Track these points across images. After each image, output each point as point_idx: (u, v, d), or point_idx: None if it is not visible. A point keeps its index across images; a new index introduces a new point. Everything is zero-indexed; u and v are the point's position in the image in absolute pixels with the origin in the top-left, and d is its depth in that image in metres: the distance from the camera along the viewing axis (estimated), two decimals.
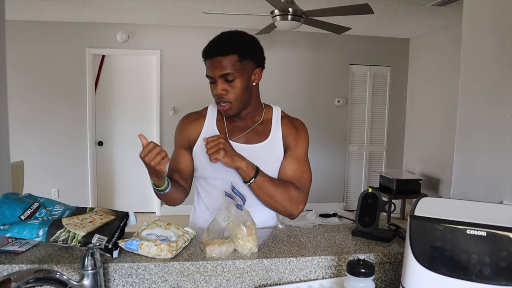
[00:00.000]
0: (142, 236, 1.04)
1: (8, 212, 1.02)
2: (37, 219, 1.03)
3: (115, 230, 1.03)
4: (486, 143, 1.59)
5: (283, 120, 1.36)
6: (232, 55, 1.20)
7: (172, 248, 0.99)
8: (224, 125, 1.34)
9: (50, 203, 1.10)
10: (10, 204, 1.03)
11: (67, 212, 1.08)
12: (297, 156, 1.32)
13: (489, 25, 1.59)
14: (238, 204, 1.04)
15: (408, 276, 0.81)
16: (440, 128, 4.77)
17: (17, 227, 0.99)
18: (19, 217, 1.02)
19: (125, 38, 4.81)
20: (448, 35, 4.65)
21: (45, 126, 4.79)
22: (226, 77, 1.20)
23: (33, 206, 1.06)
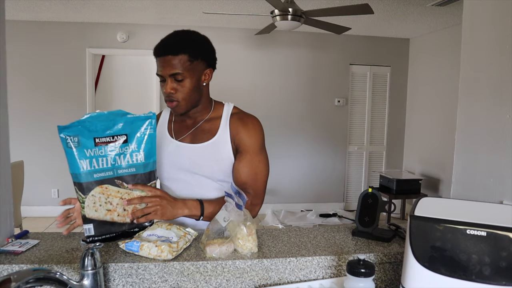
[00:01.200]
0: (143, 237, 1.04)
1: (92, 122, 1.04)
2: (101, 157, 1.04)
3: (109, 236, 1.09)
4: (486, 143, 1.59)
5: (233, 117, 1.31)
6: (182, 55, 1.20)
7: (173, 249, 0.99)
8: (172, 126, 1.37)
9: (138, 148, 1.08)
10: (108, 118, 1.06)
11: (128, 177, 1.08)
12: (251, 154, 1.27)
13: (489, 25, 1.58)
14: (238, 204, 1.04)
15: (408, 276, 0.80)
16: (440, 128, 4.77)
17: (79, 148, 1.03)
18: (94, 138, 1.04)
19: (125, 38, 4.81)
20: (448, 35, 4.65)
21: (45, 126, 4.79)
22: (176, 76, 1.21)
23: (120, 137, 1.06)
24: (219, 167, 1.29)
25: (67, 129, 1.03)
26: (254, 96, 5.09)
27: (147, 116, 1.10)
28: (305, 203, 5.32)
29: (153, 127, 1.10)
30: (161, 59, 1.21)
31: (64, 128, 1.03)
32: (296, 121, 5.25)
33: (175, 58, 1.20)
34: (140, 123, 1.08)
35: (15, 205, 3.17)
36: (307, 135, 5.30)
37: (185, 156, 1.30)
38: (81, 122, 1.04)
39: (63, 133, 1.03)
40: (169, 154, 1.32)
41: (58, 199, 4.89)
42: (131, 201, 1.08)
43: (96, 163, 1.04)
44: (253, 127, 1.30)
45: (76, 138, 1.03)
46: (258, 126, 1.32)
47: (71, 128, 1.03)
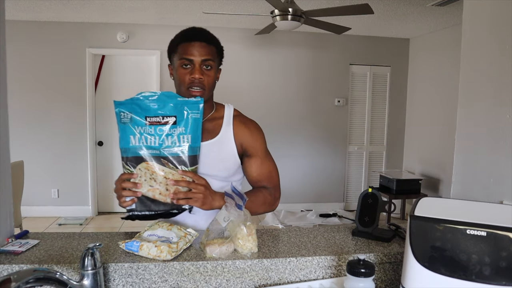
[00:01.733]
0: (144, 237, 1.04)
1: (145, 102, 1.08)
2: (150, 135, 1.08)
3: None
4: (486, 143, 1.59)
5: (236, 119, 1.34)
6: (213, 46, 1.25)
7: (172, 250, 0.99)
8: None
9: (185, 131, 1.11)
10: (159, 98, 1.09)
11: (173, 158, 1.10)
12: (260, 157, 1.34)
13: (489, 25, 1.58)
14: (238, 204, 1.04)
15: (408, 276, 0.80)
16: (440, 128, 4.77)
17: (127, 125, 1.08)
18: (145, 116, 1.08)
19: (125, 38, 4.81)
20: (448, 35, 4.65)
21: (45, 126, 4.79)
22: (206, 63, 1.21)
23: (169, 118, 1.10)
24: (223, 165, 1.30)
25: (122, 105, 1.09)
26: (254, 96, 5.09)
27: (196, 101, 1.13)
28: (305, 203, 5.32)
29: (200, 112, 1.13)
30: (194, 44, 1.21)
31: (120, 104, 1.09)
32: (296, 121, 5.25)
33: (209, 47, 1.23)
34: (189, 107, 1.12)
35: (15, 205, 3.18)
36: (307, 135, 5.30)
37: None
38: (135, 100, 1.09)
39: (118, 108, 1.09)
40: None
41: (58, 199, 4.90)
42: (178, 182, 1.10)
43: (145, 140, 1.09)
44: (256, 131, 1.36)
45: (130, 115, 1.08)
46: (260, 129, 1.38)
47: (126, 105, 1.09)
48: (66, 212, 4.84)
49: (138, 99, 1.09)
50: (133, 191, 1.09)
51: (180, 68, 1.23)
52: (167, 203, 1.12)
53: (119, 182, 1.10)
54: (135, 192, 1.09)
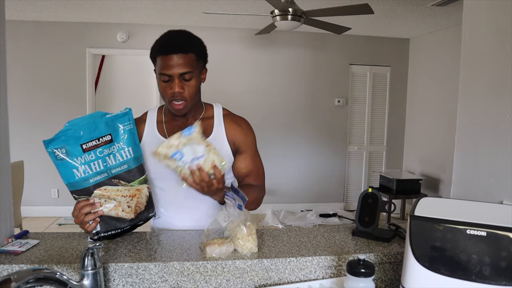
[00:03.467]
0: None
1: (75, 130, 1.03)
2: (92, 161, 1.05)
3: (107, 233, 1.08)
4: (486, 143, 1.59)
5: (226, 117, 1.36)
6: (191, 54, 1.20)
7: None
8: (163, 126, 1.34)
9: (124, 145, 1.09)
10: (88, 122, 1.06)
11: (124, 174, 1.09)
12: (251, 154, 1.36)
13: (489, 25, 1.58)
14: (238, 204, 1.04)
15: (408, 276, 0.80)
16: (440, 128, 4.77)
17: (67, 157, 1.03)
18: (81, 144, 1.04)
19: (125, 38, 4.81)
20: (448, 35, 4.65)
21: (45, 126, 4.78)
22: (185, 75, 1.20)
23: (105, 138, 1.07)
24: None
25: (52, 142, 1.02)
26: (254, 96, 5.09)
27: (125, 113, 1.11)
28: (305, 203, 5.32)
29: (132, 122, 1.12)
30: (169, 57, 1.18)
31: (50, 141, 1.02)
32: (296, 121, 5.25)
33: (185, 57, 1.19)
34: (119, 121, 1.10)
35: (15, 205, 3.18)
36: (307, 135, 5.30)
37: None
38: (64, 132, 1.03)
39: (50, 147, 1.02)
40: None
41: (58, 199, 4.90)
42: (202, 172, 1.07)
43: (89, 168, 1.05)
44: (247, 128, 1.37)
45: (64, 149, 1.02)
46: (251, 126, 1.40)
47: (56, 140, 1.02)
48: (66, 212, 4.83)
49: (66, 130, 1.03)
50: (94, 213, 1.06)
51: (160, 81, 1.23)
52: (132, 219, 1.12)
53: (77, 210, 1.06)
54: (95, 213, 1.06)
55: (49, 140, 1.02)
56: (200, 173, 1.07)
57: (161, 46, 1.22)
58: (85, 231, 1.09)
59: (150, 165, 1.27)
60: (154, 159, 1.29)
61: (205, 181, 1.08)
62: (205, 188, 1.10)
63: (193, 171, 1.07)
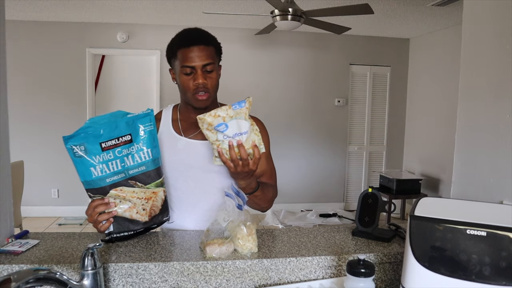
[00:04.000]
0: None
1: (95, 128, 1.02)
2: (110, 161, 1.03)
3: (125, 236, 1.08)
4: (486, 143, 1.59)
5: None
6: (212, 47, 1.23)
7: None
8: (179, 124, 1.33)
9: (143, 146, 1.08)
10: (109, 121, 1.04)
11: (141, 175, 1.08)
12: (265, 154, 1.33)
13: (489, 25, 1.58)
14: (238, 204, 1.04)
15: (408, 276, 0.80)
16: (440, 128, 4.77)
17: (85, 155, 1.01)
18: (100, 143, 1.02)
19: (125, 38, 4.81)
20: (448, 35, 4.65)
21: (45, 126, 4.79)
22: (207, 67, 1.20)
23: (124, 137, 1.05)
24: None
25: (72, 138, 1.01)
26: (254, 96, 5.04)
27: (146, 113, 1.10)
28: (305, 203, 5.32)
29: (153, 123, 1.11)
30: (192, 49, 1.19)
31: (69, 138, 1.01)
32: (296, 121, 5.25)
33: (207, 49, 1.21)
34: (140, 121, 1.09)
35: (15, 205, 3.18)
36: (307, 135, 5.30)
37: (198, 153, 1.28)
38: (84, 129, 1.02)
39: (69, 143, 1.01)
40: (179, 152, 1.29)
41: (58, 199, 4.90)
42: (241, 149, 1.04)
43: (107, 168, 1.04)
44: (262, 128, 1.35)
45: (83, 146, 1.01)
46: (265, 127, 1.38)
47: (76, 137, 1.01)
48: (66, 212, 4.84)
49: (88, 127, 1.02)
50: (108, 212, 1.06)
51: (182, 75, 1.22)
52: (146, 221, 1.11)
53: (91, 208, 1.06)
54: (110, 213, 1.06)
55: (69, 136, 1.01)
56: (240, 149, 1.04)
57: (182, 40, 1.23)
58: (97, 230, 1.08)
59: (166, 163, 1.26)
60: (172, 157, 1.29)
61: (242, 159, 1.05)
62: (239, 167, 1.07)
63: (232, 146, 1.04)
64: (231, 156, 1.05)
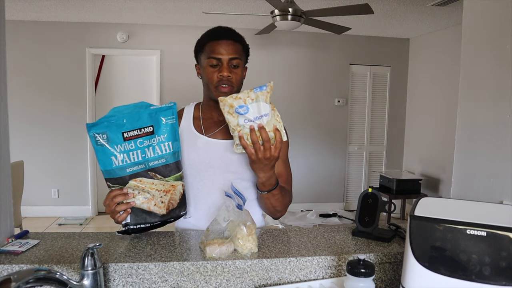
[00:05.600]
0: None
1: (118, 117, 1.03)
2: (131, 151, 1.04)
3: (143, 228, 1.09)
4: (486, 143, 1.59)
5: None
6: (239, 44, 1.26)
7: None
8: (200, 122, 1.33)
9: (165, 138, 1.08)
10: (132, 111, 1.05)
11: (161, 168, 1.08)
12: (283, 158, 1.32)
13: (489, 25, 1.58)
14: (238, 204, 1.04)
15: (408, 276, 0.80)
16: (440, 128, 4.77)
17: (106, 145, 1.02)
18: (122, 132, 1.03)
19: (125, 38, 4.81)
20: (448, 35, 4.65)
21: (45, 126, 4.79)
22: (233, 61, 1.22)
23: (146, 129, 1.06)
24: None
25: (95, 126, 1.02)
26: None
27: (169, 106, 1.11)
28: (305, 203, 5.32)
29: (175, 117, 1.11)
30: (221, 42, 1.22)
31: (92, 126, 1.02)
32: (296, 121, 5.25)
33: (236, 44, 1.23)
34: (163, 114, 1.09)
35: (15, 205, 3.18)
36: (307, 135, 5.30)
37: (216, 152, 1.27)
38: (108, 118, 1.03)
39: (92, 131, 1.02)
40: (198, 150, 1.28)
41: (58, 199, 4.90)
42: (263, 132, 1.04)
43: (128, 158, 1.05)
44: None
45: (105, 135, 1.02)
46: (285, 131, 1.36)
47: (99, 125, 1.02)
48: (66, 212, 4.84)
49: (111, 116, 1.04)
50: (126, 203, 1.06)
51: (208, 67, 1.23)
52: (163, 215, 1.10)
53: (109, 198, 1.06)
54: (128, 203, 1.06)
55: (92, 124, 1.02)
56: (261, 132, 1.04)
57: (211, 34, 1.25)
58: (115, 221, 1.08)
59: (185, 161, 1.25)
60: (191, 155, 1.28)
61: (264, 141, 1.04)
62: (260, 152, 1.05)
63: (253, 129, 1.03)
64: (252, 140, 1.04)
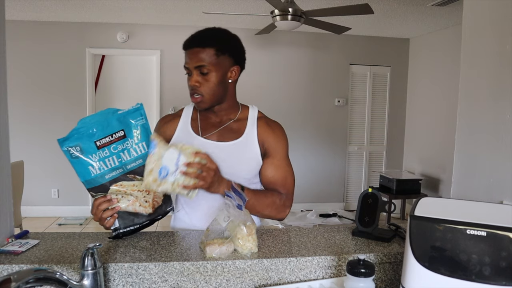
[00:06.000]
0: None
1: (87, 127, 1.04)
2: (107, 158, 1.05)
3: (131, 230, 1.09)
4: (486, 143, 1.59)
5: (260, 120, 1.34)
6: (210, 49, 1.22)
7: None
8: (197, 123, 1.34)
9: (138, 140, 1.10)
10: (100, 119, 1.06)
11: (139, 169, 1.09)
12: (279, 160, 1.31)
13: (489, 25, 1.58)
14: (238, 204, 1.04)
15: (408, 276, 0.80)
16: (440, 128, 4.77)
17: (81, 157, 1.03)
18: (94, 141, 1.05)
19: (125, 38, 4.81)
20: (448, 35, 4.65)
21: (45, 126, 4.79)
22: (201, 69, 1.21)
23: (118, 134, 1.07)
24: (246, 166, 1.29)
25: (66, 140, 1.04)
26: (254, 96, 5.08)
27: (136, 108, 1.12)
28: (305, 203, 5.32)
29: (144, 117, 1.13)
30: (188, 51, 1.23)
31: (64, 140, 1.04)
32: (296, 121, 5.25)
33: (202, 51, 1.21)
34: (131, 116, 1.10)
35: (15, 205, 3.18)
36: (307, 135, 5.30)
37: (211, 153, 1.28)
38: (77, 130, 1.05)
39: (65, 145, 1.04)
40: None
41: (58, 199, 4.89)
42: (192, 165, 1.07)
43: (104, 165, 1.06)
44: (280, 133, 1.35)
45: (78, 147, 1.04)
46: (284, 132, 1.37)
47: (71, 139, 1.04)
48: (66, 212, 4.84)
49: (80, 128, 1.05)
50: (111, 209, 1.08)
51: (187, 76, 1.27)
52: (150, 213, 1.12)
53: (95, 207, 1.08)
54: (113, 209, 1.08)
55: (64, 139, 1.04)
56: (190, 166, 1.07)
57: (184, 42, 1.25)
58: (104, 227, 1.10)
59: None
60: None
61: (202, 168, 1.08)
62: (208, 178, 1.09)
63: (183, 172, 1.07)
64: (196, 177, 1.07)
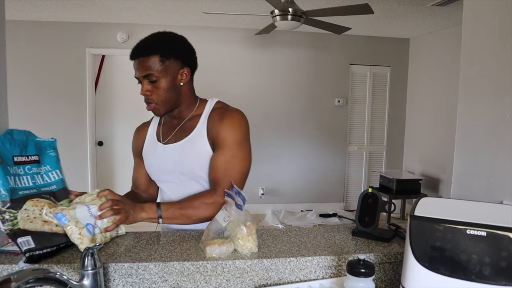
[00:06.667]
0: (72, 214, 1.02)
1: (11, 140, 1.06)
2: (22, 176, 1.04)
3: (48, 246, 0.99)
4: (486, 143, 1.59)
5: (213, 112, 1.28)
6: (154, 56, 1.21)
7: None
8: (160, 129, 1.37)
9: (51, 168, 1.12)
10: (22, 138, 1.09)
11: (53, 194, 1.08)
12: (225, 151, 1.22)
13: (489, 25, 1.59)
14: (238, 204, 1.04)
15: (408, 276, 0.80)
16: (440, 128, 4.77)
17: None
18: (12, 156, 1.05)
19: (125, 38, 4.81)
20: (448, 35, 4.65)
21: (45, 126, 4.78)
22: (149, 77, 1.21)
23: (33, 157, 1.09)
24: (198, 163, 1.26)
25: None
26: (254, 96, 5.09)
27: (51, 142, 1.18)
28: (305, 203, 5.32)
29: (55, 151, 1.18)
30: (135, 61, 1.24)
31: None
32: (296, 121, 5.25)
33: (147, 60, 1.21)
34: (45, 147, 1.15)
35: None
36: (307, 135, 5.30)
37: (170, 157, 1.30)
38: (5, 136, 1.06)
39: None
40: (157, 157, 1.33)
41: None
42: (103, 205, 1.05)
43: (19, 181, 1.04)
44: (230, 122, 1.24)
45: (0, 153, 1.03)
46: (237, 120, 1.25)
47: None
48: None
49: (5, 136, 1.05)
50: None
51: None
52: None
53: None
54: None
55: None
56: (103, 208, 1.05)
57: (130, 52, 1.26)
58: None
59: (150, 169, 1.34)
60: (153, 162, 1.32)
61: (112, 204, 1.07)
62: (121, 208, 1.08)
63: (100, 216, 1.05)
64: (107, 214, 1.05)
